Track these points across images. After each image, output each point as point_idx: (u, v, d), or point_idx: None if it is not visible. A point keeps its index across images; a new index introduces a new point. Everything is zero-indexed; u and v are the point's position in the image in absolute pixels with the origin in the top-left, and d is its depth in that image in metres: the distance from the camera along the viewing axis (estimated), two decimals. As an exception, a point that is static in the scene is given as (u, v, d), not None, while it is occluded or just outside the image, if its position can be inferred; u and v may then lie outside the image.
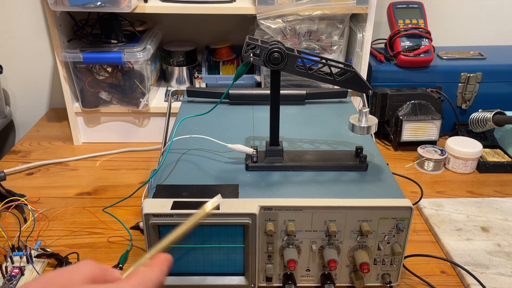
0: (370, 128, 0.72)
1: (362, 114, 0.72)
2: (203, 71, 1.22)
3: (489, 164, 1.09)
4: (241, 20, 1.28)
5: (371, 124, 0.72)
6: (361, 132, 0.72)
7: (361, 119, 0.72)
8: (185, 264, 0.70)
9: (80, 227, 0.89)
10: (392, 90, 1.16)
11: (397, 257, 0.71)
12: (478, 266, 0.78)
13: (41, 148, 1.21)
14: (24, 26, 1.33)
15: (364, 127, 0.72)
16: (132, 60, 1.09)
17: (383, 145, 1.21)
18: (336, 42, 1.12)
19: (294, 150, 0.81)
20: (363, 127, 0.72)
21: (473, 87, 1.23)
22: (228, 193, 0.70)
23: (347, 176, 0.75)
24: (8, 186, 0.97)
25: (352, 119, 0.73)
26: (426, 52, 1.19)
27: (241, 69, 0.73)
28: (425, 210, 0.93)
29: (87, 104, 1.16)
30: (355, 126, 0.72)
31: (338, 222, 0.68)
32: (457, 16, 1.40)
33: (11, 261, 0.77)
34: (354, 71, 0.71)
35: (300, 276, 0.72)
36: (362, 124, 0.72)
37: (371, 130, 0.72)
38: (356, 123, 0.72)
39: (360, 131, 0.72)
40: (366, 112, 0.72)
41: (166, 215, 0.65)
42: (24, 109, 1.45)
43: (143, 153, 1.18)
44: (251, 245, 0.67)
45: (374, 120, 0.73)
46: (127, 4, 1.00)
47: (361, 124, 0.72)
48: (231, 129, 0.88)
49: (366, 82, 0.73)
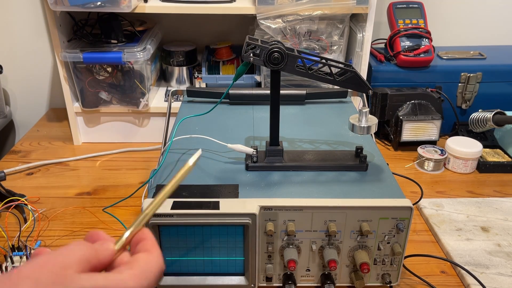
0: (370, 128, 0.72)
1: (362, 114, 0.72)
2: (203, 71, 1.21)
3: (489, 164, 1.09)
4: (241, 20, 1.28)
5: (371, 124, 0.72)
6: (361, 132, 0.72)
7: (361, 119, 0.72)
8: (185, 264, 0.70)
9: (80, 227, 0.89)
10: (392, 90, 1.16)
11: (397, 257, 0.71)
12: (478, 266, 0.78)
13: (41, 148, 1.21)
14: (24, 26, 1.33)
15: (364, 127, 0.72)
16: (132, 60, 1.09)
17: (383, 145, 1.21)
18: (336, 42, 1.12)
19: (294, 150, 0.81)
20: (363, 127, 0.72)
21: (473, 87, 1.23)
22: (228, 193, 0.70)
23: (347, 176, 0.75)
24: (8, 186, 0.97)
25: (352, 119, 0.73)
26: (426, 52, 1.19)
27: (241, 69, 0.73)
28: (425, 210, 0.93)
29: (87, 104, 1.16)
30: (355, 126, 0.72)
31: (338, 222, 0.68)
32: (457, 16, 1.40)
33: (11, 261, 0.77)
34: (354, 71, 0.71)
35: (300, 276, 0.72)
36: (362, 124, 0.72)
37: (371, 130, 0.72)
38: (356, 123, 0.72)
39: (360, 131, 0.72)
40: (366, 112, 0.72)
41: (166, 215, 0.65)
42: (24, 109, 1.45)
43: (143, 153, 1.18)
44: (251, 245, 0.67)
45: (374, 120, 0.73)
46: (127, 4, 1.00)
47: (361, 124, 0.72)
48: (231, 129, 0.88)
49: (366, 82, 0.73)
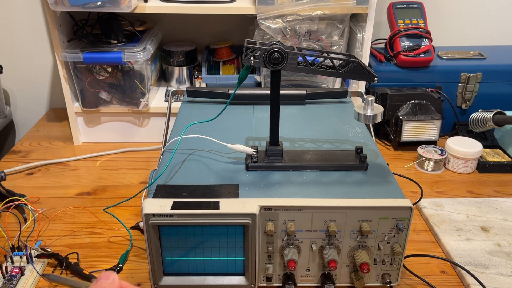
0: (376, 116, 0.70)
1: (368, 103, 0.70)
2: (203, 71, 1.21)
3: (489, 164, 1.09)
4: (241, 20, 1.28)
5: (376, 112, 0.70)
6: (366, 121, 0.70)
7: (367, 108, 0.70)
8: (185, 264, 0.70)
9: (80, 227, 0.89)
10: (392, 90, 1.16)
11: (397, 257, 0.71)
12: (478, 266, 0.78)
13: (41, 148, 1.21)
14: (24, 26, 1.33)
15: (370, 115, 0.70)
16: (132, 60, 1.09)
17: (383, 145, 1.21)
18: (336, 42, 1.12)
19: (294, 150, 0.81)
20: (368, 115, 0.70)
21: (473, 87, 1.23)
22: (228, 193, 0.70)
23: (347, 176, 0.74)
24: (8, 186, 0.97)
25: (358, 108, 0.71)
26: (426, 52, 1.19)
27: (243, 74, 0.72)
28: (425, 210, 0.93)
29: (87, 104, 1.16)
30: (360, 115, 0.70)
31: (338, 222, 0.68)
32: (457, 16, 1.40)
33: (11, 261, 0.77)
34: (356, 60, 0.69)
35: (300, 276, 0.72)
36: (368, 112, 0.70)
37: (376, 118, 0.70)
38: (362, 112, 0.70)
39: (366, 120, 0.70)
40: (372, 100, 0.70)
41: (166, 215, 0.65)
42: (24, 109, 1.45)
43: (143, 153, 1.18)
44: (251, 245, 0.67)
45: (380, 109, 0.71)
46: (127, 4, 1.00)
47: (367, 112, 0.70)
48: (231, 129, 0.88)
49: (371, 70, 0.70)
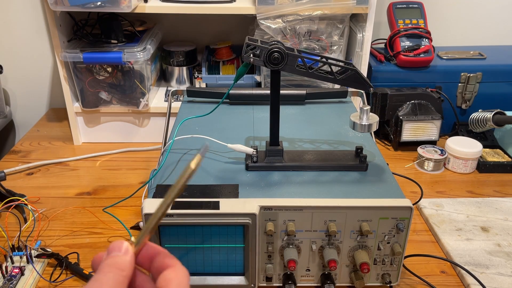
0: (371, 126, 0.72)
1: (363, 112, 0.71)
2: (203, 71, 1.21)
3: (489, 164, 1.09)
4: (241, 20, 1.28)
5: (372, 122, 0.71)
6: (362, 130, 0.72)
7: (362, 117, 0.72)
8: (185, 264, 0.70)
9: (80, 227, 0.89)
10: (392, 90, 1.16)
11: (397, 257, 0.71)
12: (478, 266, 0.78)
13: (41, 148, 1.21)
14: (24, 26, 1.33)
15: (365, 125, 0.71)
16: (132, 60, 1.09)
17: (383, 145, 1.21)
18: (336, 42, 1.12)
19: (294, 150, 0.81)
20: (364, 125, 0.71)
21: (473, 87, 1.23)
22: (228, 193, 0.70)
23: (347, 176, 0.74)
24: (8, 186, 0.97)
25: (353, 117, 0.72)
26: (426, 52, 1.19)
27: (241, 70, 0.73)
28: (425, 210, 0.93)
29: (87, 104, 1.16)
30: (356, 124, 0.72)
31: (338, 222, 0.68)
32: (457, 16, 1.40)
33: (11, 261, 0.77)
34: (354, 69, 0.70)
35: (300, 276, 0.72)
36: (363, 122, 0.71)
37: (372, 128, 0.72)
38: (357, 121, 0.72)
39: (361, 129, 0.72)
40: (367, 110, 0.71)
41: (166, 215, 0.64)
42: (24, 109, 1.45)
43: (143, 153, 1.18)
44: (251, 245, 0.67)
45: (375, 118, 0.72)
46: (127, 4, 1.00)
47: (362, 122, 0.71)
48: (231, 129, 0.88)
49: (367, 79, 0.72)
